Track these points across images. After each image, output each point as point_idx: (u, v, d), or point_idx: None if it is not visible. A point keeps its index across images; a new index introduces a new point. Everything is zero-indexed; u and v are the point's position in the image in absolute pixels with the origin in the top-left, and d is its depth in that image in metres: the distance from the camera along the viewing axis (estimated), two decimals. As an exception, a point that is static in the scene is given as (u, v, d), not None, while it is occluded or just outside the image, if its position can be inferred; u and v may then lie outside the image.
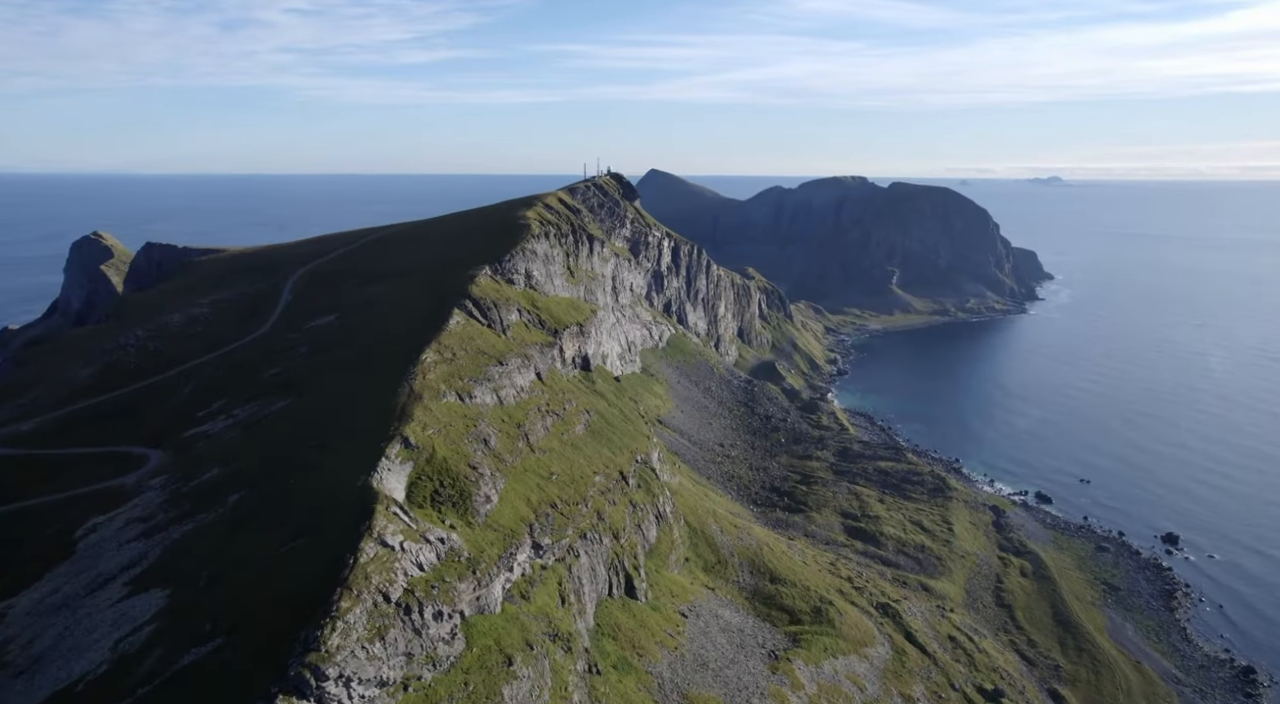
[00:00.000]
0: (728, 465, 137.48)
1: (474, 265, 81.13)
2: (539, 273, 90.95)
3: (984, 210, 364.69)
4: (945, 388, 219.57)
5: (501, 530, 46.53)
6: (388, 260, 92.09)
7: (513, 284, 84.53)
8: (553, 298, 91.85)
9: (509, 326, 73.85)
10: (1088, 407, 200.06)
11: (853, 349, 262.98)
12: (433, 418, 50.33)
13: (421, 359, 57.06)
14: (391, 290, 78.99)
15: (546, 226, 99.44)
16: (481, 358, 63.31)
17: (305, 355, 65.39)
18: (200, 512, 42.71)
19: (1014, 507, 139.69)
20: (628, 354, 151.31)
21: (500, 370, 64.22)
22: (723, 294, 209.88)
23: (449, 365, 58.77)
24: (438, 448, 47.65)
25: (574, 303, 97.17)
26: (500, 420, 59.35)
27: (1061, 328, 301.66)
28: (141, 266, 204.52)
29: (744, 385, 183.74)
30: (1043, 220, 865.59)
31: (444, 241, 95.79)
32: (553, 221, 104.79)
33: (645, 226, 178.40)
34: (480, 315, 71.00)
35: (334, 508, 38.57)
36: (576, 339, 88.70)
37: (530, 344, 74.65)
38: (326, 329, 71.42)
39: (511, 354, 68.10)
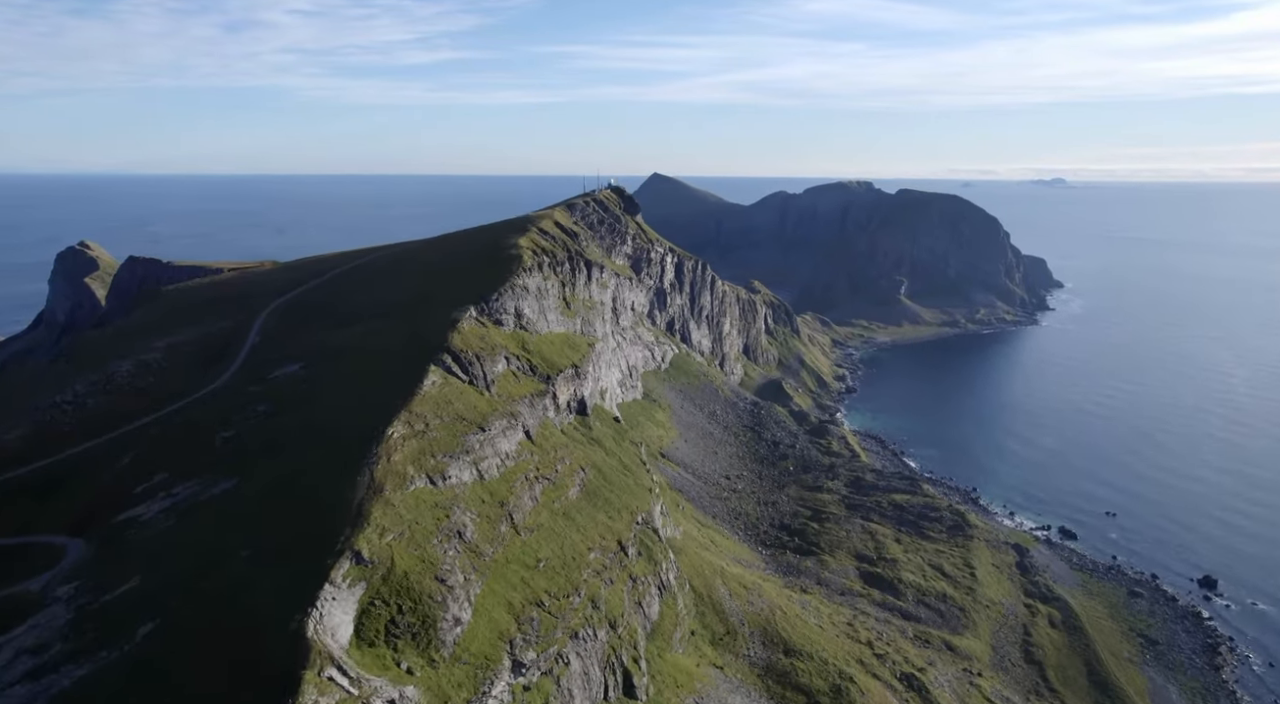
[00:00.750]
0: (734, 501, 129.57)
1: (458, 304, 73.42)
2: (530, 310, 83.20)
3: (994, 218, 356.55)
4: (958, 407, 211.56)
5: (473, 662, 38.93)
6: (366, 294, 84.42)
7: (501, 325, 76.79)
8: (545, 336, 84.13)
9: (494, 380, 66.04)
10: (1107, 428, 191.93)
11: (861, 364, 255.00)
12: (394, 517, 42.67)
13: (388, 435, 49.35)
14: (365, 335, 71.23)
15: (540, 257, 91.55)
16: (460, 425, 55.59)
17: (262, 417, 57.67)
18: (103, 647, 35.05)
19: (1037, 543, 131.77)
20: (628, 380, 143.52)
21: (481, 438, 56.52)
22: (728, 310, 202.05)
23: (420, 440, 51.07)
24: (398, 559, 39.99)
25: (569, 339, 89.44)
26: (480, 501, 51.69)
27: (1075, 340, 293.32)
28: (124, 281, 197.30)
29: (750, 408, 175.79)
30: (1048, 224, 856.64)
31: (428, 273, 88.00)
32: (547, 249, 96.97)
33: (647, 242, 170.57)
34: (461, 371, 63.28)
35: (255, 664, 30.93)
36: (571, 383, 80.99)
37: (519, 398, 66.93)
38: (290, 383, 63.68)
39: (496, 415, 60.40)
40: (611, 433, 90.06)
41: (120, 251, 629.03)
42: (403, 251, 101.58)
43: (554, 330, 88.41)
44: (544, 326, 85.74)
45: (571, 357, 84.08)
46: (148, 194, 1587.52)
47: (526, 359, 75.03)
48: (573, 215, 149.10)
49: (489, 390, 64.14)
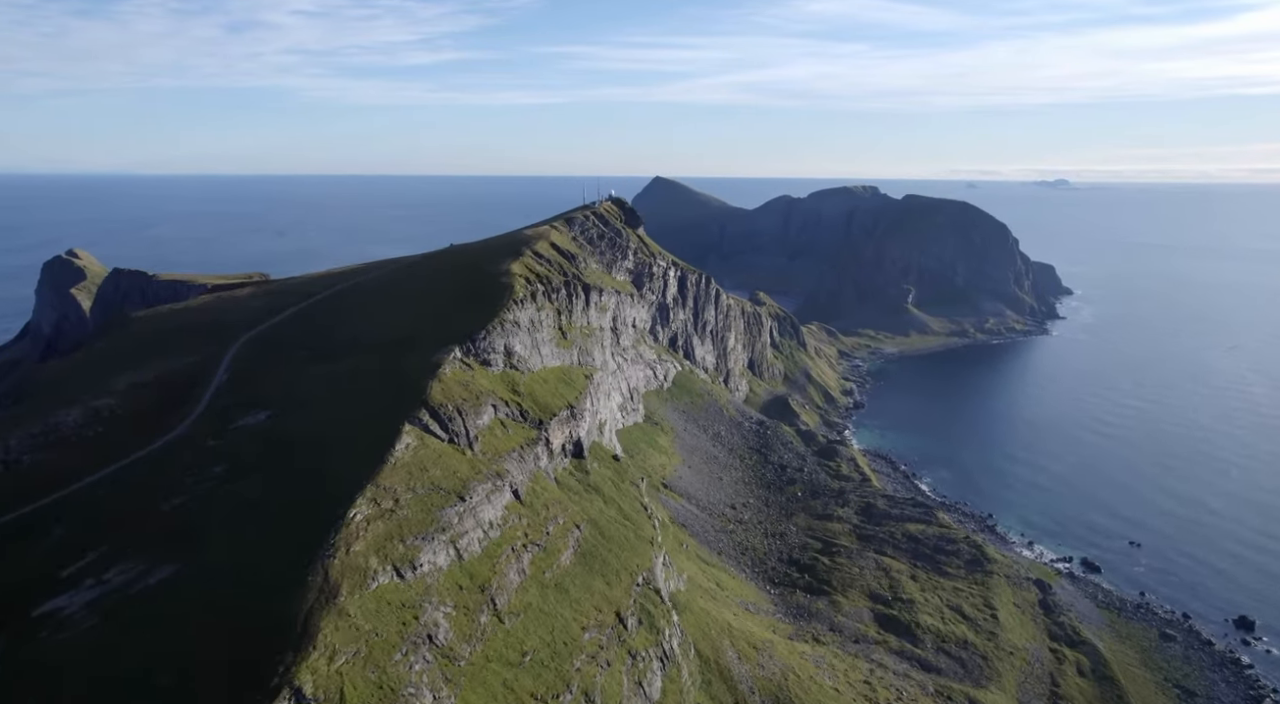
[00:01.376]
0: (740, 534, 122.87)
1: (442, 343, 67.03)
2: (522, 346, 76.76)
3: (1003, 225, 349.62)
4: (969, 424, 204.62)
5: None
6: (346, 327, 77.87)
7: (488, 366, 70.36)
8: (538, 374, 77.74)
9: (479, 435, 59.56)
10: (1126, 448, 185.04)
11: (868, 376, 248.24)
12: (349, 631, 36.25)
13: (349, 518, 42.91)
14: (340, 379, 64.70)
15: (534, 285, 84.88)
16: (436, 497, 49.14)
17: (216, 482, 51.17)
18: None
19: (1059, 578, 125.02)
20: (629, 403, 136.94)
21: (461, 509, 50.08)
22: (732, 324, 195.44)
23: (388, 520, 44.65)
24: (350, 690, 33.56)
25: (565, 374, 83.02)
26: (457, 588, 45.28)
27: (1087, 351, 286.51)
28: (108, 294, 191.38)
29: (756, 429, 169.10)
30: (1054, 227, 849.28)
31: (413, 304, 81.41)
32: (542, 275, 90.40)
33: (649, 256, 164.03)
34: (440, 429, 56.84)
35: None
36: (566, 425, 74.57)
37: (506, 453, 60.49)
38: (253, 435, 57.22)
39: (479, 479, 53.93)
40: (611, 474, 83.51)
41: (121, 254, 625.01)
42: (389, 276, 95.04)
43: (548, 365, 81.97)
44: (537, 362, 79.27)
45: (567, 395, 77.59)
46: (150, 195, 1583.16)
47: (516, 404, 68.58)
48: (571, 230, 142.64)
49: (472, 448, 57.65)
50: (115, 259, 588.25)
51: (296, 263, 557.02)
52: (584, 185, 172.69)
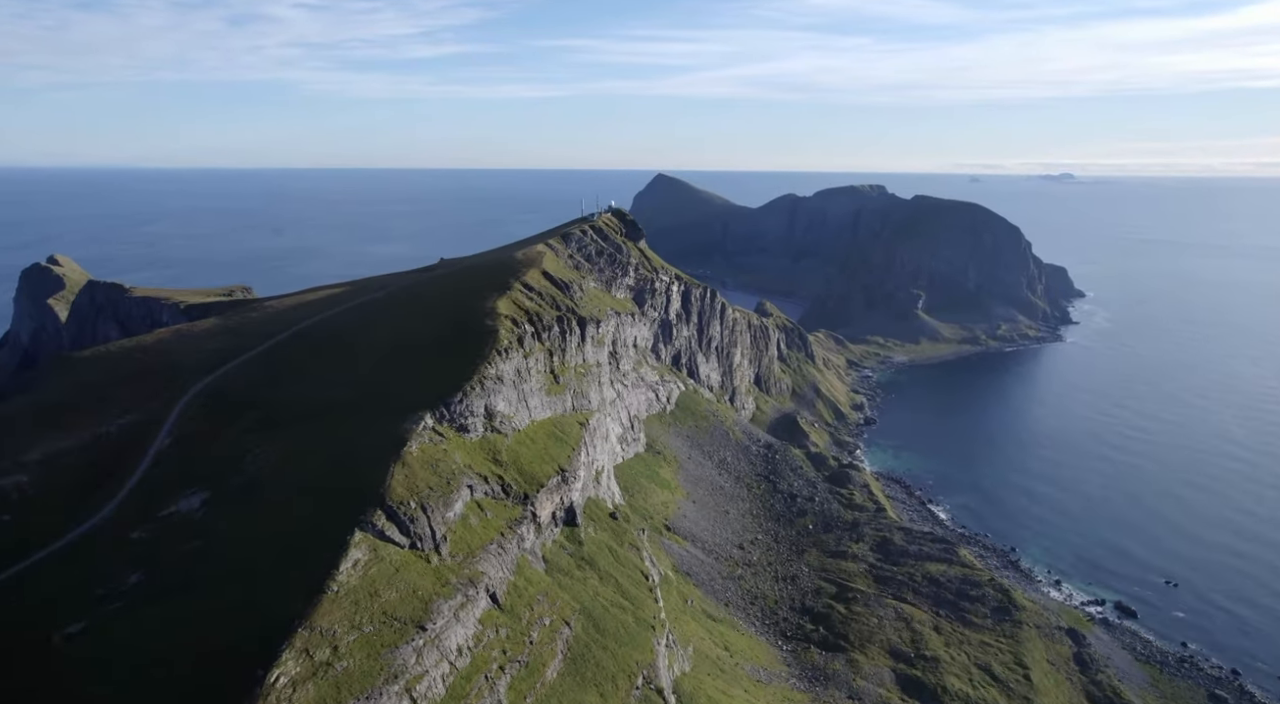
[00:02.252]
0: (749, 580, 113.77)
1: (412, 405, 58.12)
2: (506, 403, 67.81)
3: (1015, 227, 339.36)
4: (985, 443, 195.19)
5: None
6: (308, 379, 68.84)
7: (466, 433, 61.48)
8: (525, 433, 68.87)
9: (450, 530, 50.63)
10: (1152, 468, 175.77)
11: (879, 389, 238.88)
12: None
13: (270, 683, 34.01)
14: (292, 456, 55.80)
15: (522, 327, 75.51)
16: (389, 632, 40.23)
17: (125, 602, 42.24)
18: None
19: (1092, 625, 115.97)
20: (630, 433, 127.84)
21: (420, 643, 41.19)
22: (738, 339, 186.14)
23: (322, 678, 35.70)
24: None
25: (556, 427, 74.16)
26: (410, 756, 36.52)
27: (1103, 360, 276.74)
28: (83, 307, 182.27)
29: (763, 453, 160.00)
30: (1061, 224, 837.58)
31: (385, 350, 72.21)
32: (532, 311, 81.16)
33: (651, 271, 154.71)
34: (400, 531, 47.91)
35: None
36: (557, 492, 65.73)
37: (482, 548, 51.65)
38: (181, 532, 48.42)
39: (444, 596, 45.05)
40: (608, 536, 74.51)
41: (115, 253, 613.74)
42: (362, 312, 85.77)
43: (538, 417, 73.07)
44: (524, 417, 70.35)
45: (558, 456, 68.69)
46: (150, 190, 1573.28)
47: (498, 478, 59.69)
48: (568, 247, 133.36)
49: (439, 551, 48.76)
50: (109, 258, 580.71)
51: (294, 262, 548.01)
52: (582, 207, 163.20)
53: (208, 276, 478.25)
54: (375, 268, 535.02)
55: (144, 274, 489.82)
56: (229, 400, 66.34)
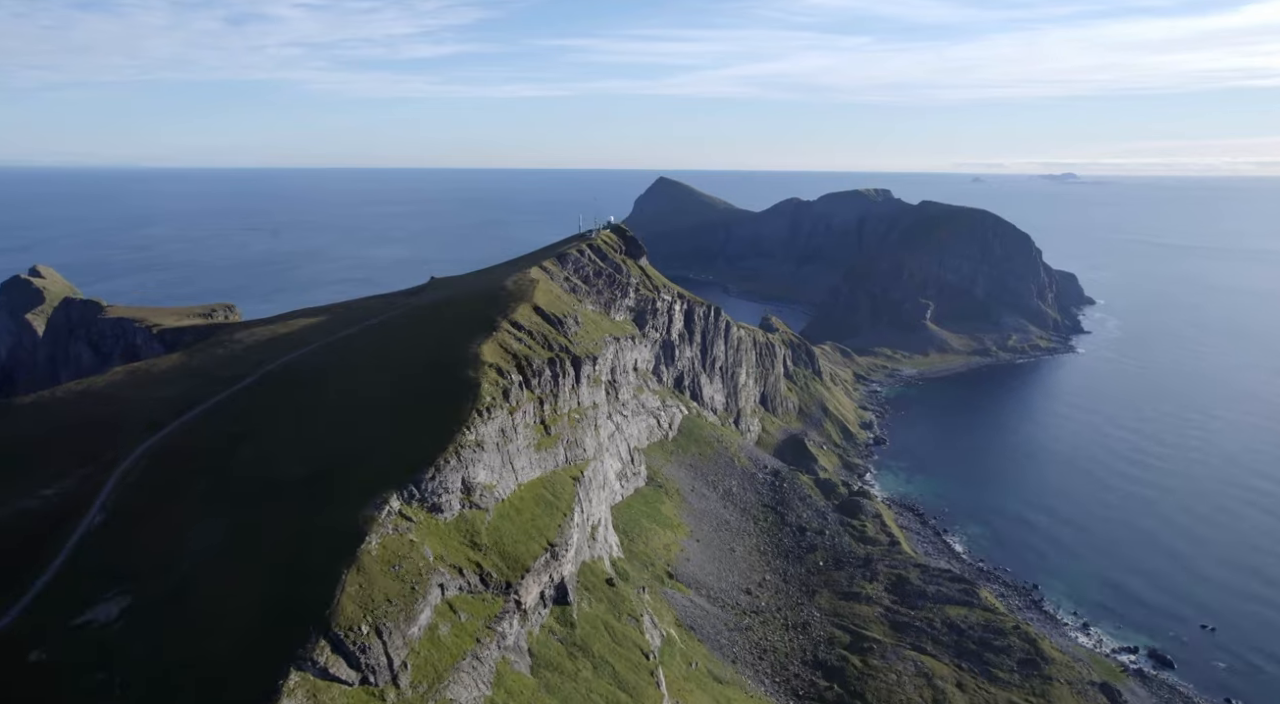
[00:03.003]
0: (758, 630, 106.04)
1: (379, 482, 50.59)
2: (488, 471, 60.25)
3: (1025, 234, 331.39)
4: (999, 465, 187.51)
5: None
6: (266, 439, 61.08)
7: (439, 513, 53.97)
8: (510, 501, 61.38)
9: (409, 657, 42.98)
10: (1177, 494, 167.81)
11: (888, 404, 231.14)
12: None
13: None
14: (227, 551, 48.15)
15: (508, 378, 67.78)
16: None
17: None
18: None
19: (1126, 677, 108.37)
20: (630, 467, 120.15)
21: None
22: (743, 358, 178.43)
23: None
24: None
25: (546, 488, 66.62)
26: None
27: (1118, 373, 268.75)
28: (59, 325, 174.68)
29: (770, 480, 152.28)
30: (1067, 226, 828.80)
31: (353, 405, 64.51)
32: (521, 354, 73.51)
33: (652, 290, 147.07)
34: (348, 665, 40.31)
35: None
36: (545, 571, 58.27)
37: (453, 667, 44.04)
38: (90, 650, 40.79)
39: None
40: (604, 609, 66.89)
41: (108, 259, 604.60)
42: (331, 354, 77.77)
43: (525, 480, 65.60)
44: (509, 484, 62.83)
45: (546, 527, 61.17)
46: (149, 191, 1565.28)
47: (475, 566, 52.18)
48: (564, 268, 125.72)
49: (398, 682, 41.16)
50: (103, 263, 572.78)
51: (291, 266, 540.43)
52: (581, 221, 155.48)
53: (202, 281, 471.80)
54: (374, 271, 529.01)
55: (137, 278, 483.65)
56: (175, 466, 58.73)
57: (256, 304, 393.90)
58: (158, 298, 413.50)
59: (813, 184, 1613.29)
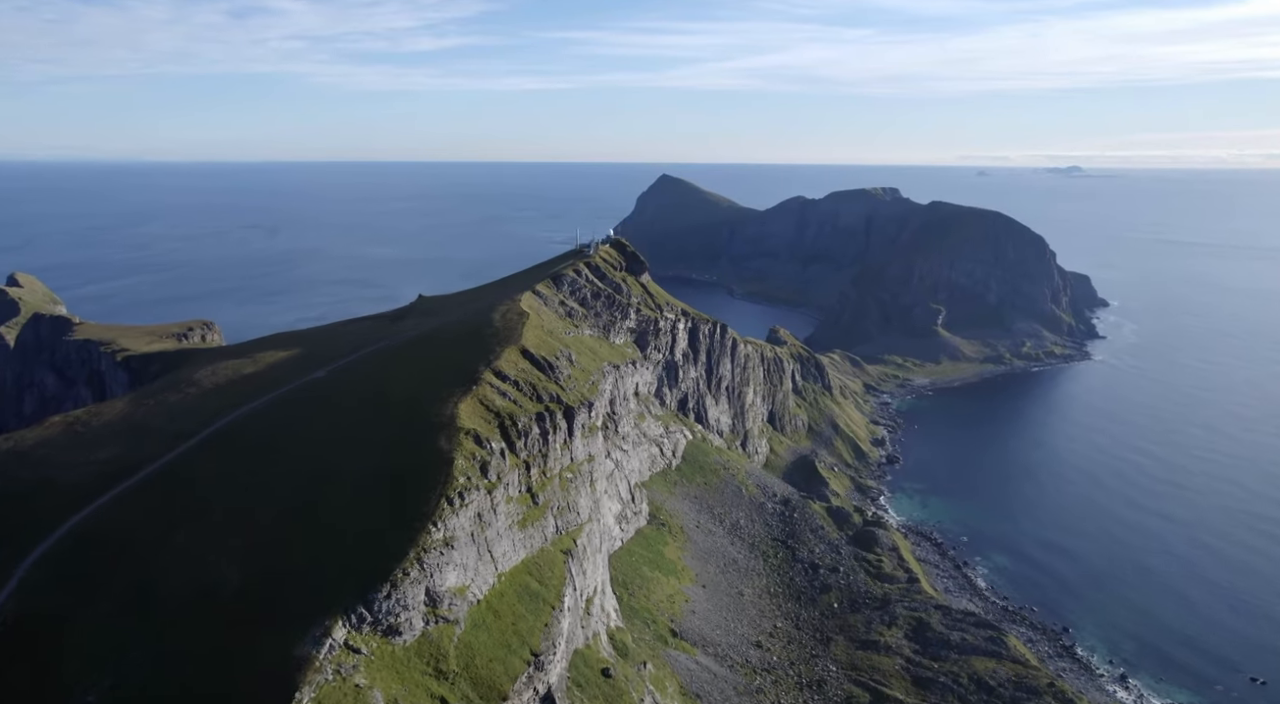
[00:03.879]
0: (769, 692, 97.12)
1: (323, 601, 41.75)
2: (460, 571, 51.21)
3: (1039, 237, 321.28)
4: (1018, 486, 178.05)
5: None
6: (198, 529, 51.96)
7: (395, 637, 45.13)
8: (488, 600, 52.56)
9: None
10: (1218, 520, 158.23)
11: (899, 417, 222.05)
12: None
13: None
14: (132, 700, 39.34)
15: (488, 447, 58.61)
16: None
17: None
18: None
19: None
20: (630, 506, 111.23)
21: None
22: (751, 376, 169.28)
23: None
24: None
25: (533, 571, 57.75)
26: None
27: (1140, 382, 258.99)
28: (28, 342, 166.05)
29: (780, 510, 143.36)
30: (1074, 222, 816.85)
31: (304, 487, 55.26)
32: (505, 411, 64.51)
33: (655, 308, 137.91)
34: None
35: None
36: (529, 686, 49.40)
37: None
38: None
39: None
40: (599, 709, 57.89)
41: (106, 257, 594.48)
42: (295, 411, 68.52)
43: (506, 568, 56.78)
44: (486, 578, 53.98)
45: (530, 630, 52.35)
46: (150, 186, 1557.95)
47: (440, 700, 43.31)
48: (559, 291, 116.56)
49: None
50: (97, 263, 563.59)
51: (289, 266, 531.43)
52: (578, 229, 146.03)
53: (197, 283, 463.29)
54: (371, 271, 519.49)
55: (129, 281, 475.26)
56: (90, 563, 49.86)
57: (251, 308, 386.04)
58: (150, 300, 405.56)
59: (816, 178, 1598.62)
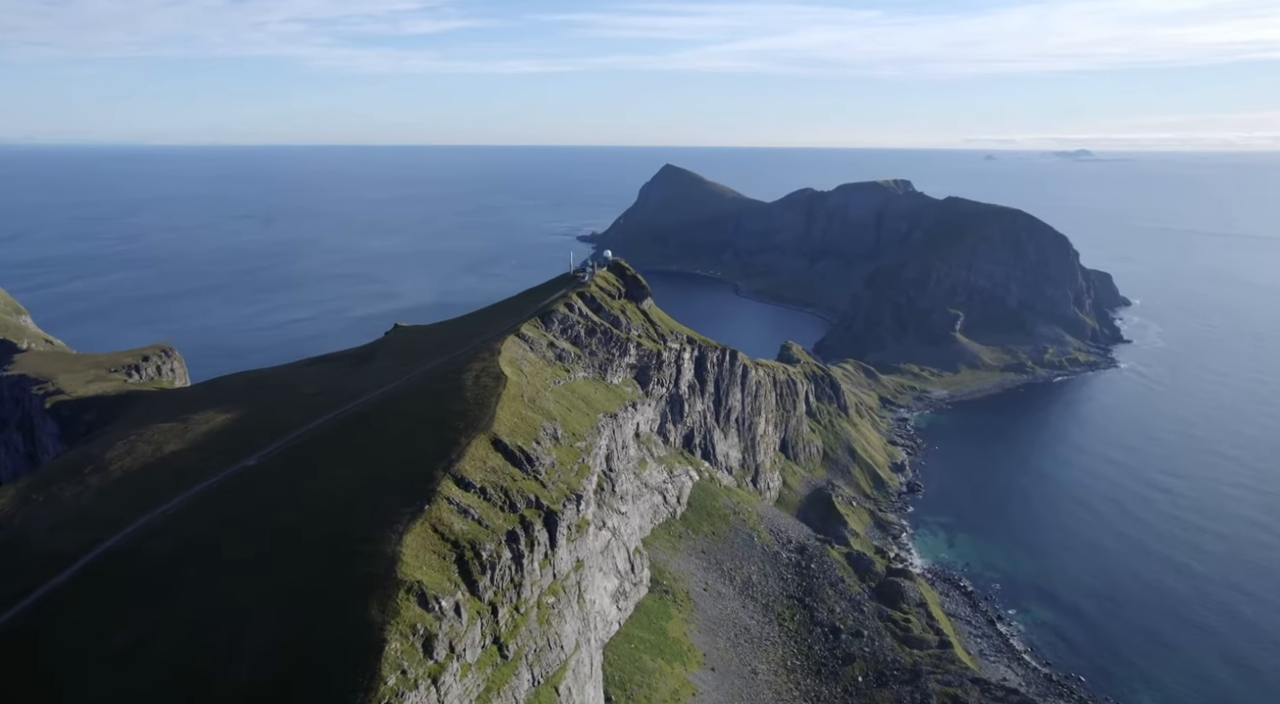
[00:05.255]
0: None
1: None
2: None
3: (1062, 236, 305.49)
4: (1049, 519, 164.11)
5: None
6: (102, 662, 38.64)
7: None
8: None
9: None
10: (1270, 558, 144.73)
11: (918, 436, 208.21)
12: None
13: None
14: None
15: (435, 609, 44.55)
16: None
17: None
18: None
19: None
20: (629, 577, 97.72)
21: None
22: (762, 405, 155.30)
23: None
24: None
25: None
26: None
27: (1171, 394, 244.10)
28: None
29: (795, 560, 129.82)
30: (1086, 209, 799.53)
31: (193, 668, 42.11)
32: (464, 538, 50.63)
33: (658, 340, 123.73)
34: None
35: None
36: None
37: None
38: None
39: None
40: None
41: (95, 249, 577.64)
42: (201, 526, 54.93)
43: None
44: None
45: None
46: (147, 173, 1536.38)
47: None
48: (549, 331, 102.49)
49: None
50: (86, 256, 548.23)
51: (282, 260, 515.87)
52: (571, 252, 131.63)
53: (185, 280, 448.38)
54: (365, 264, 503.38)
55: (116, 277, 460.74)
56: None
57: (240, 308, 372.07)
58: (136, 298, 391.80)
59: (822, 161, 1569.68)
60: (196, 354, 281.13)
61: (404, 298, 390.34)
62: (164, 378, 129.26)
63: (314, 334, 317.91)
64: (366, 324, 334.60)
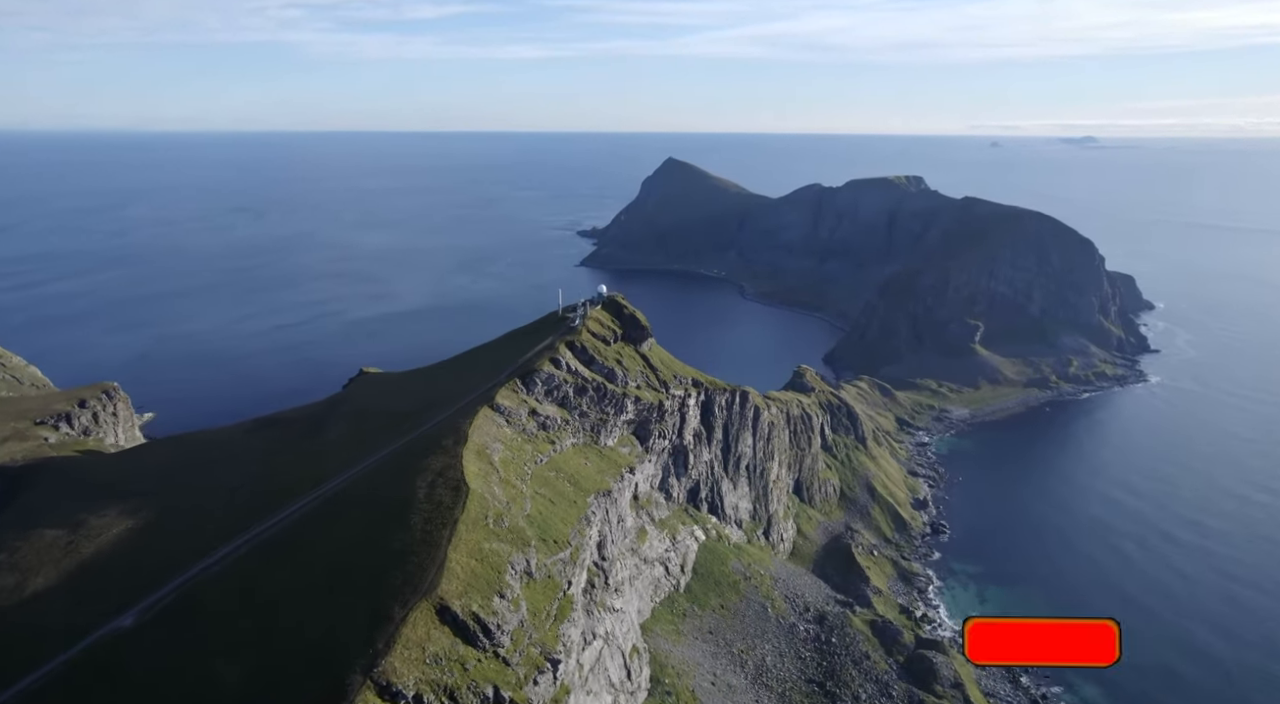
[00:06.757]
0: None
1: None
2: None
3: (1088, 241, 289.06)
4: (1088, 560, 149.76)
5: None
6: None
7: None
8: None
9: None
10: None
11: (940, 466, 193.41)
12: None
13: None
14: None
15: None
16: None
17: None
18: None
19: None
20: (626, 685, 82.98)
21: None
22: (775, 445, 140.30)
23: None
24: None
25: None
26: None
27: (1208, 412, 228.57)
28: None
29: (814, 633, 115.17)
30: (1095, 201, 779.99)
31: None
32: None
33: (659, 387, 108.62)
34: None
35: None
36: None
37: None
38: None
39: None
40: None
41: (85, 245, 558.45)
42: None
43: None
44: None
45: None
46: (142, 162, 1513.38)
47: None
48: (531, 394, 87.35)
49: None
50: (75, 253, 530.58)
51: (273, 258, 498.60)
52: (561, 288, 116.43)
53: (172, 280, 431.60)
54: (359, 262, 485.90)
55: (105, 276, 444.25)
56: None
57: (228, 310, 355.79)
58: (122, 299, 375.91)
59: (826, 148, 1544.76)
60: (176, 365, 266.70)
61: (397, 299, 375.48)
62: (101, 426, 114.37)
63: (302, 341, 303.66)
64: (356, 329, 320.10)
